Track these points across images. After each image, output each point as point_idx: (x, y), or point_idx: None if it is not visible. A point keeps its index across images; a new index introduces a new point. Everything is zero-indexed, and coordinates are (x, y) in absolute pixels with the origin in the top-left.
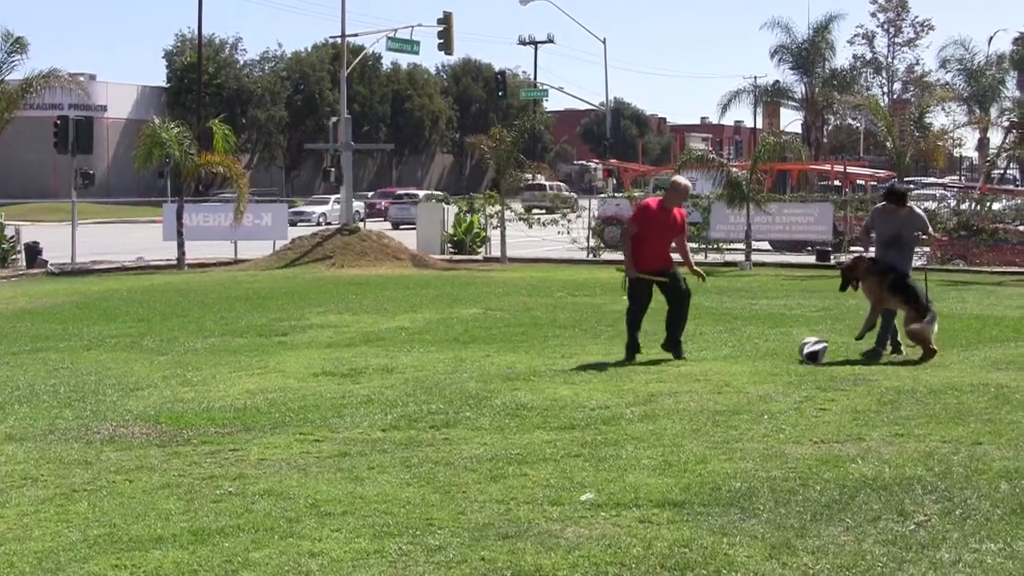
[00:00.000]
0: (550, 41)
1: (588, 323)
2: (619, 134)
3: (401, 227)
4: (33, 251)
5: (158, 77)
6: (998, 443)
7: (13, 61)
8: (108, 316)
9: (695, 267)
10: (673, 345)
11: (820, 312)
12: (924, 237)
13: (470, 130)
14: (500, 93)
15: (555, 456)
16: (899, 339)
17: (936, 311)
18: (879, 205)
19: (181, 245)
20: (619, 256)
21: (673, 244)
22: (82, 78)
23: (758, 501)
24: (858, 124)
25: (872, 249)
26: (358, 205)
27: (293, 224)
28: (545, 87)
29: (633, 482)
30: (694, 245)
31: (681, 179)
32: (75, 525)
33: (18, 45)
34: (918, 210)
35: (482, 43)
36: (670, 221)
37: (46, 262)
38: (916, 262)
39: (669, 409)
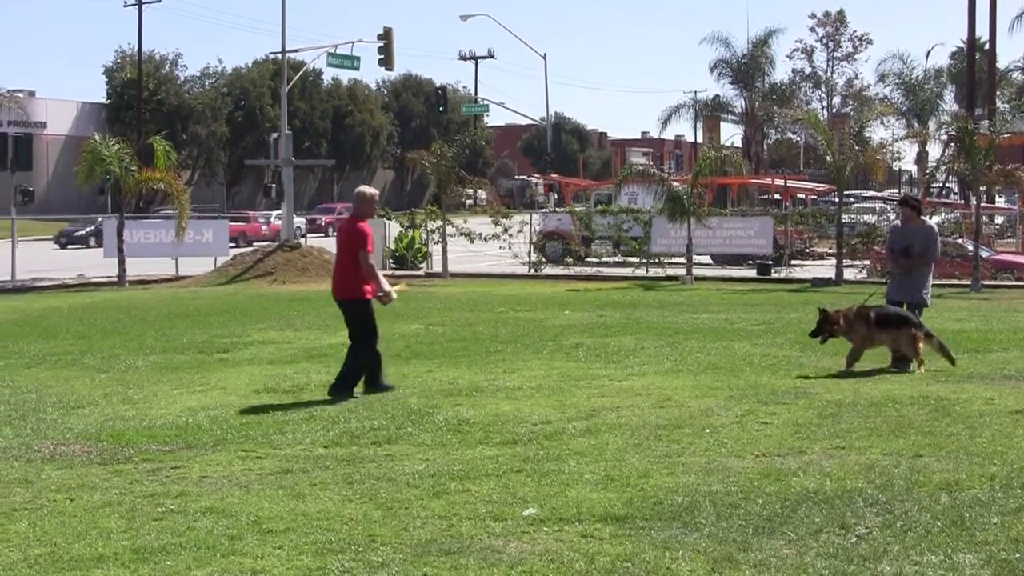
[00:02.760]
0: (490, 56)
1: (530, 338)
2: (560, 149)
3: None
4: None
5: (98, 93)
6: (938, 455)
7: None
8: (48, 334)
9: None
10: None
11: (761, 326)
12: (923, 256)
13: (411, 145)
14: (441, 108)
15: (497, 471)
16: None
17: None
18: (893, 223)
19: (122, 262)
20: (559, 271)
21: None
22: (21, 95)
23: (700, 515)
24: (798, 138)
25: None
26: (299, 221)
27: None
28: (486, 102)
29: (575, 497)
30: (635, 260)
31: (366, 188)
32: (15, 545)
33: None
34: (931, 224)
35: (423, 58)
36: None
37: None
38: (856, 275)
39: (611, 424)
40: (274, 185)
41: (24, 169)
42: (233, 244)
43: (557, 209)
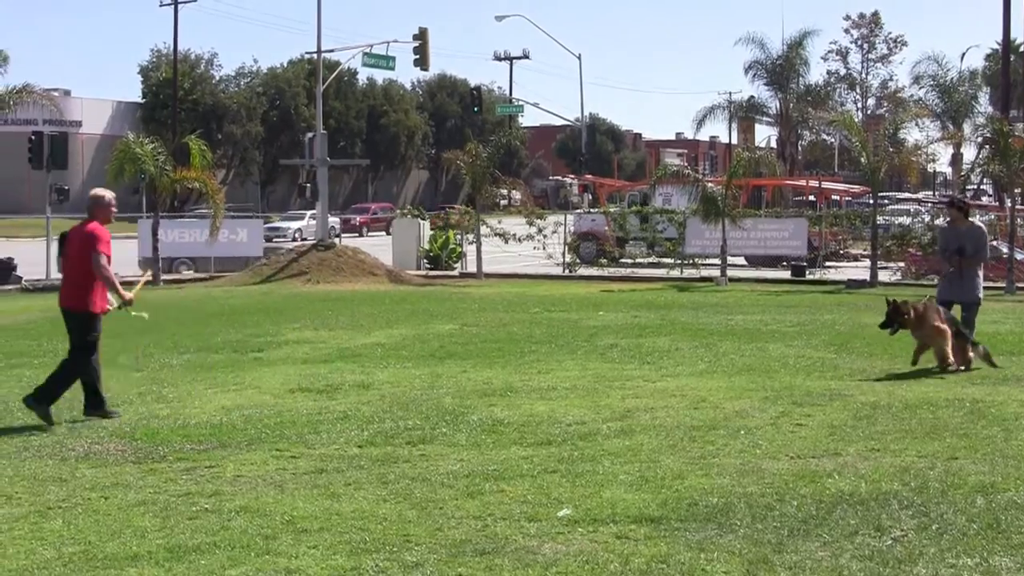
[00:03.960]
0: (525, 57)
1: (564, 339)
2: (594, 149)
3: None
4: (7, 267)
5: (133, 93)
6: (973, 458)
7: None
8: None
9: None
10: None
11: (796, 327)
12: (974, 257)
13: (446, 145)
14: (475, 108)
15: (532, 472)
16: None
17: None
18: (943, 224)
19: (157, 261)
20: (593, 272)
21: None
22: (56, 94)
23: (735, 517)
24: (832, 139)
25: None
26: (334, 220)
27: (268, 240)
28: (520, 103)
29: (610, 498)
30: (669, 261)
31: (101, 190)
32: (50, 543)
33: None
34: (980, 224)
35: (457, 59)
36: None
37: (20, 278)
38: (890, 277)
39: (646, 425)
40: (309, 185)
41: (59, 168)
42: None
43: (591, 210)
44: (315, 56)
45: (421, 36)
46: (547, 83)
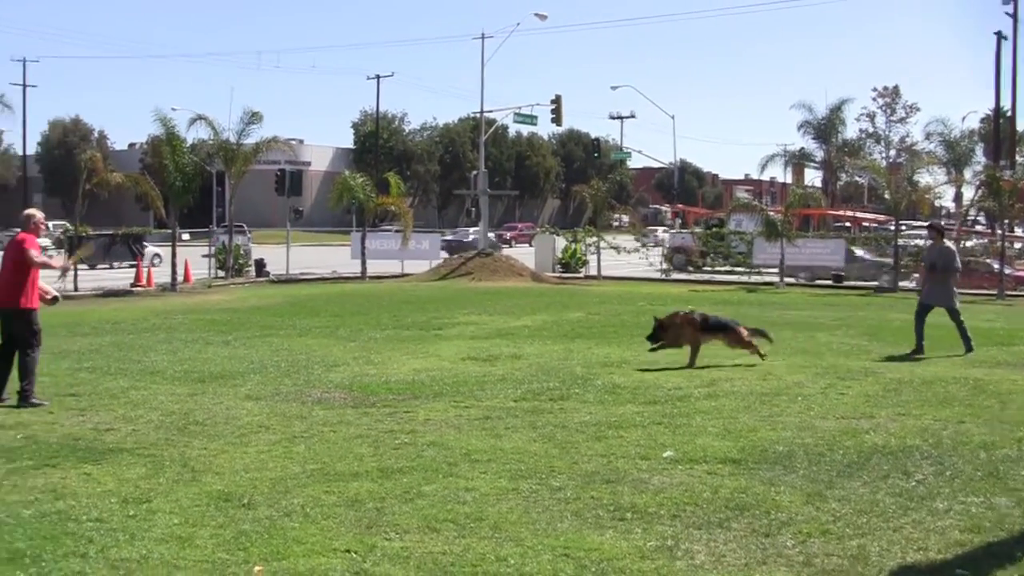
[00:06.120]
0: (632, 116)
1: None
2: (683, 185)
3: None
4: (260, 265)
5: (347, 141)
6: (976, 422)
7: (250, 130)
8: (312, 312)
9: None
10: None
11: (837, 321)
12: (944, 271)
13: (573, 181)
14: (596, 154)
15: (643, 423)
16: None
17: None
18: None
19: (363, 262)
20: (683, 276)
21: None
22: (293, 142)
23: (796, 461)
24: (863, 180)
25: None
26: (491, 235)
27: (444, 248)
28: (628, 150)
29: (702, 444)
30: (740, 270)
31: (29, 209)
32: (296, 461)
33: (255, 118)
34: (949, 245)
35: (582, 116)
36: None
37: (268, 273)
38: (909, 284)
39: (727, 391)
40: (473, 209)
41: (295, 195)
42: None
43: (683, 230)
44: (478, 115)
45: (556, 100)
46: (649, 135)
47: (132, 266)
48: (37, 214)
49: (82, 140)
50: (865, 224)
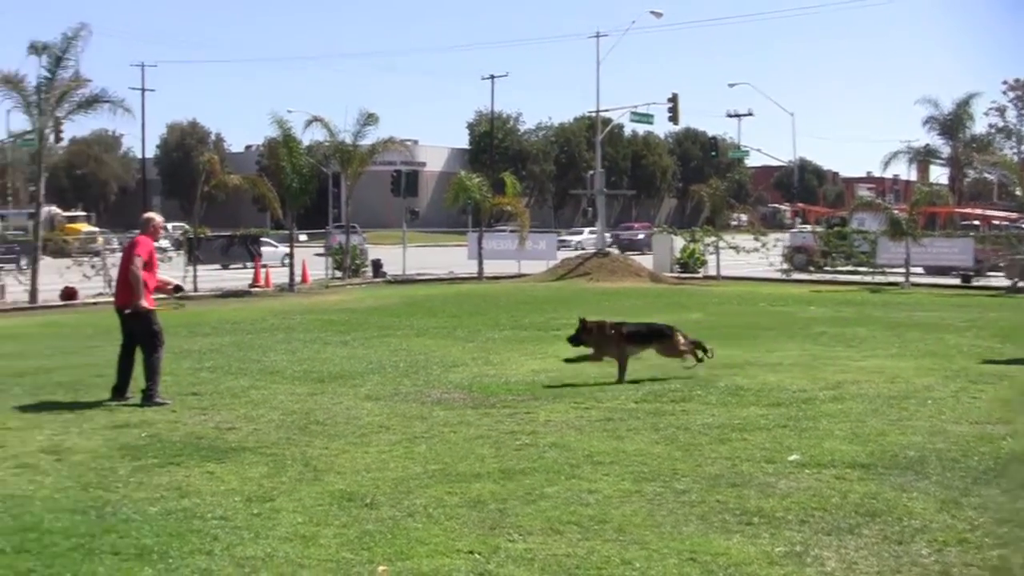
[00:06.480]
0: (750, 114)
1: (784, 326)
2: (803, 184)
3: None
4: (377, 265)
5: (462, 141)
6: None
7: (366, 131)
8: (430, 313)
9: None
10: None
11: (967, 322)
12: None
13: (690, 180)
14: (713, 153)
15: (767, 426)
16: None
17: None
18: None
19: (480, 262)
20: (804, 276)
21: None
22: (409, 142)
23: (928, 467)
24: (992, 177)
25: None
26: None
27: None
28: (746, 148)
29: (829, 448)
30: (863, 269)
31: (149, 213)
32: (417, 461)
33: (371, 119)
34: None
35: (699, 115)
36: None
37: (385, 273)
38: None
39: (853, 393)
40: (590, 209)
41: (412, 195)
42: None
43: (803, 229)
44: (594, 114)
45: (673, 99)
46: (767, 133)
47: (251, 267)
48: (156, 218)
49: (199, 143)
50: (995, 222)
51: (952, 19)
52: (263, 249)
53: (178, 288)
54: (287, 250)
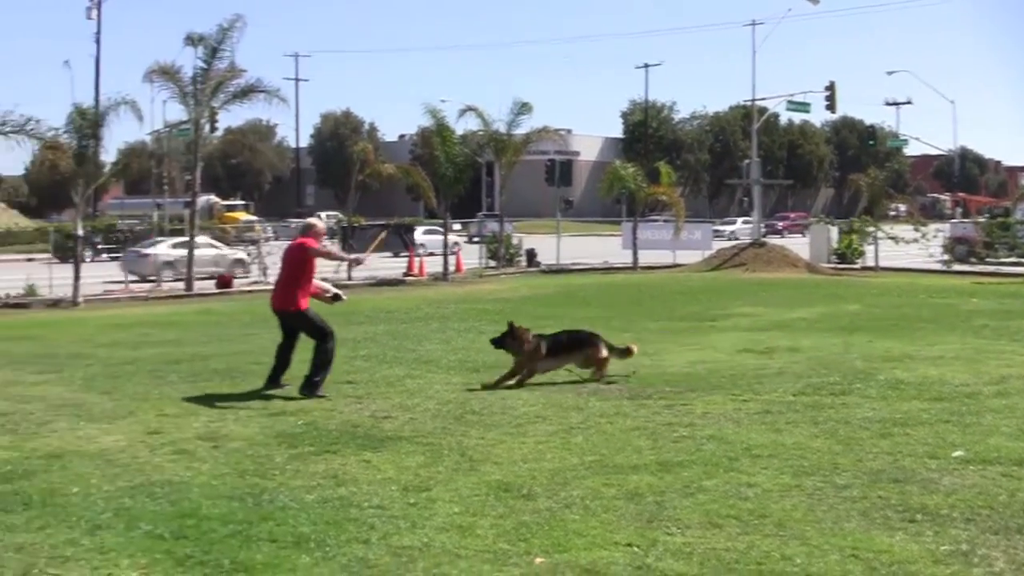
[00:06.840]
0: (909, 102)
1: (945, 319)
2: (964, 173)
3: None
4: (531, 255)
5: (616, 130)
6: None
7: (519, 121)
8: (585, 303)
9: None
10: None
11: None
12: None
13: (847, 170)
14: (871, 142)
15: (930, 421)
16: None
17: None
18: None
19: (635, 252)
20: (965, 268)
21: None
22: (563, 132)
23: None
24: None
25: None
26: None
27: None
28: (905, 137)
29: (995, 444)
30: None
31: (311, 219)
32: (574, 453)
33: (525, 109)
34: None
35: (856, 103)
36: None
37: (539, 263)
38: None
39: (1020, 388)
40: (745, 199)
41: (565, 185)
42: None
43: (965, 220)
44: (750, 103)
45: (830, 87)
46: (927, 121)
47: (405, 256)
48: (318, 224)
49: (353, 132)
50: None
51: None
52: (425, 237)
53: (336, 297)
54: (455, 239)
